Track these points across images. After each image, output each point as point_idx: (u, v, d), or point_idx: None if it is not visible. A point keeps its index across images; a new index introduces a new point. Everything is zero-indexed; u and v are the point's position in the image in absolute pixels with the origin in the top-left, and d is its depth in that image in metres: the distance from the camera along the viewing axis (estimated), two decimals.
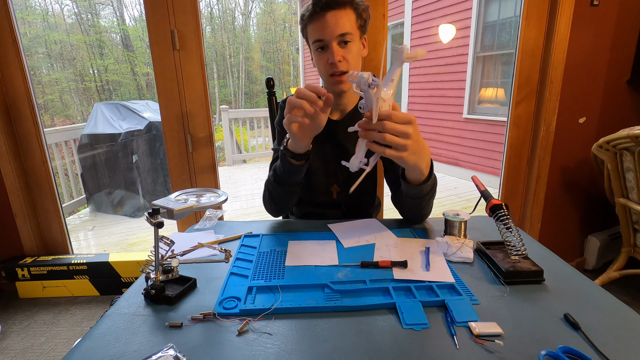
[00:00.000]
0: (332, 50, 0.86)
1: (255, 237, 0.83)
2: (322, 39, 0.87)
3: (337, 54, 0.86)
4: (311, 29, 0.89)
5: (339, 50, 0.87)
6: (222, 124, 5.32)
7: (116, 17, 11.80)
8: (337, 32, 0.85)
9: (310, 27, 0.89)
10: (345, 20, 0.86)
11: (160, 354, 0.46)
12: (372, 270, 0.67)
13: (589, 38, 1.69)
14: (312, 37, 0.90)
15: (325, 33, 0.86)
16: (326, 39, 0.87)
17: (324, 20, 0.85)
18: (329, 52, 0.87)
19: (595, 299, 0.58)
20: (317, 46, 0.89)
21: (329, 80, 0.92)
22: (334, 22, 0.85)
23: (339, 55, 0.87)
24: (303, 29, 0.94)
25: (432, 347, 0.48)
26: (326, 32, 0.86)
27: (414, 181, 0.78)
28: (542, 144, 1.78)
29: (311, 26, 0.89)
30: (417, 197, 0.80)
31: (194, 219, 1.77)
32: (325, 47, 0.88)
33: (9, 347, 1.52)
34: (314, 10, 0.86)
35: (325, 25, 0.86)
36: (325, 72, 0.91)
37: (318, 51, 0.90)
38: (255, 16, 15.03)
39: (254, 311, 0.55)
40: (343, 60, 0.87)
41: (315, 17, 0.86)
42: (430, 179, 0.77)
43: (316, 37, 0.88)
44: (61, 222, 1.91)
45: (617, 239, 1.96)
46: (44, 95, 9.30)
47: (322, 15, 0.85)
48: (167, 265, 0.62)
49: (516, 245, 0.66)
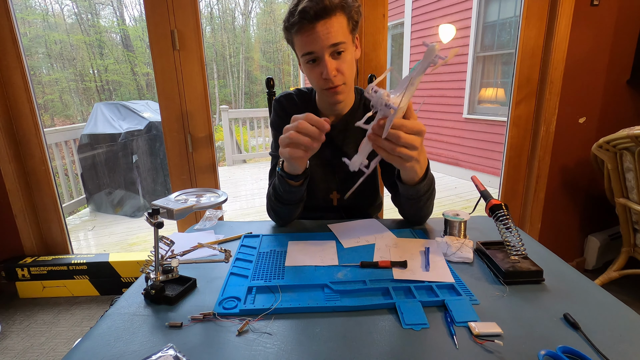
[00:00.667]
0: (325, 65, 0.79)
1: (255, 238, 0.83)
2: (313, 52, 0.79)
3: (331, 69, 0.79)
4: (299, 40, 0.80)
5: (333, 63, 0.80)
6: (222, 124, 5.32)
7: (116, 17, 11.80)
8: (329, 43, 0.78)
9: (298, 39, 0.81)
10: (337, 28, 0.78)
11: (160, 354, 0.46)
12: (371, 270, 0.67)
13: (589, 38, 1.69)
14: (300, 50, 0.81)
15: (316, 45, 0.78)
16: (317, 52, 0.79)
17: (314, 32, 0.77)
18: (322, 65, 0.80)
19: (595, 299, 0.58)
20: (308, 59, 0.81)
21: (324, 94, 0.87)
22: (325, 32, 0.77)
23: (333, 70, 0.80)
24: (288, 38, 0.85)
25: (431, 347, 0.48)
26: (317, 44, 0.78)
27: (409, 182, 0.77)
28: (542, 144, 1.78)
29: (299, 38, 0.80)
30: (415, 198, 0.80)
31: (194, 219, 1.77)
32: (317, 60, 0.81)
33: (9, 347, 1.52)
34: (301, 21, 0.77)
35: (315, 37, 0.77)
36: (319, 86, 0.85)
37: (309, 64, 0.82)
38: (255, 16, 15.03)
39: (254, 311, 0.55)
40: (338, 74, 0.81)
41: (304, 28, 0.78)
42: (426, 179, 0.77)
43: (306, 50, 0.80)
44: (61, 222, 1.91)
45: (617, 239, 1.96)
46: (44, 95, 9.30)
47: (312, 26, 0.77)
48: (167, 265, 0.62)
49: (516, 245, 0.66)
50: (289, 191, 0.81)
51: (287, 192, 0.82)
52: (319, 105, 0.97)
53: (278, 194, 0.84)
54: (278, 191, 0.83)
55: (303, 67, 0.86)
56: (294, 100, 0.99)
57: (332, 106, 0.91)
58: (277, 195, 0.85)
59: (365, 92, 0.61)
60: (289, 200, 0.84)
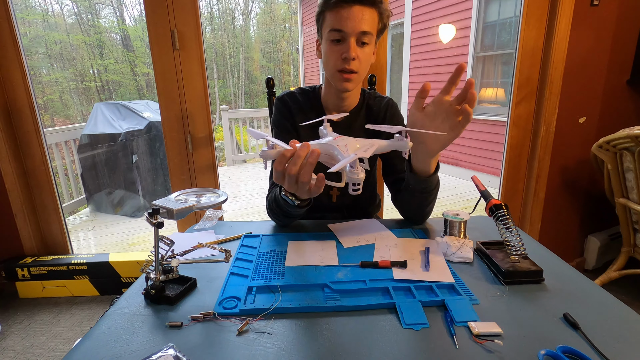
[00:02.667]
0: (348, 45, 0.81)
1: (255, 237, 0.83)
2: (342, 30, 0.80)
3: (353, 51, 0.81)
4: (331, 16, 0.82)
5: (356, 48, 0.82)
6: (222, 124, 5.32)
7: (116, 17, 11.79)
8: (360, 29, 0.80)
9: (330, 14, 0.82)
10: (371, 19, 0.81)
11: (160, 353, 0.46)
12: (371, 270, 0.67)
13: (589, 38, 1.69)
14: (329, 25, 0.82)
15: (348, 25, 0.80)
16: (347, 32, 0.80)
17: (350, 12, 0.79)
18: (345, 46, 0.81)
19: (595, 299, 0.58)
20: (333, 37, 0.82)
21: (335, 76, 0.86)
22: (360, 16, 0.79)
23: (355, 53, 0.81)
24: (320, 13, 0.86)
25: (431, 347, 0.48)
26: (349, 24, 0.79)
27: (422, 173, 0.76)
28: (542, 144, 1.78)
29: (332, 13, 0.81)
30: (425, 192, 0.79)
31: (194, 219, 1.77)
32: (342, 40, 0.82)
33: (9, 347, 1.52)
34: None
35: (350, 17, 0.79)
36: (334, 66, 0.85)
37: (332, 42, 0.83)
38: (255, 16, 15.02)
39: (254, 311, 0.55)
40: (357, 59, 0.82)
41: (341, 5, 0.80)
42: (437, 172, 0.78)
43: (336, 27, 0.81)
44: (61, 222, 1.91)
45: (617, 239, 1.96)
46: (44, 95, 9.29)
47: (349, 6, 0.79)
48: (167, 265, 0.62)
49: (516, 245, 0.66)
50: (292, 211, 0.79)
51: (290, 211, 0.80)
52: (324, 102, 0.97)
53: (279, 208, 0.81)
54: (280, 207, 0.80)
55: (324, 45, 0.87)
56: (297, 99, 0.98)
57: (340, 94, 0.91)
58: (278, 209, 0.82)
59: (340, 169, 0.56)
60: (291, 214, 0.83)
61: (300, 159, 0.58)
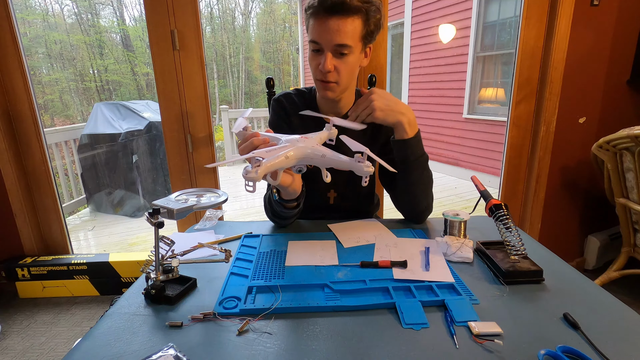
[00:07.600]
0: (324, 58, 0.80)
1: (255, 237, 0.83)
2: (319, 43, 0.80)
3: (328, 65, 0.80)
4: (311, 26, 0.81)
5: (332, 60, 0.80)
6: (222, 124, 5.32)
7: (116, 17, 11.79)
8: (335, 42, 0.78)
9: (311, 24, 0.81)
10: (349, 30, 0.78)
11: (160, 353, 0.46)
12: (372, 270, 0.67)
13: (589, 38, 1.69)
14: (309, 35, 0.83)
15: (322, 38, 0.79)
16: (322, 44, 0.80)
17: (325, 24, 0.77)
18: (322, 58, 0.81)
19: (595, 299, 0.58)
20: (313, 47, 0.83)
21: (317, 84, 0.88)
22: (335, 29, 0.77)
23: (330, 65, 0.80)
24: (307, 18, 0.85)
25: (431, 346, 0.48)
26: (323, 37, 0.79)
27: (400, 139, 0.84)
28: (542, 144, 1.78)
29: (312, 23, 0.81)
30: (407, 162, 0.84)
31: (194, 219, 1.77)
32: (320, 51, 0.82)
33: (9, 347, 1.52)
34: (318, 9, 0.78)
35: (325, 30, 0.78)
36: (314, 75, 0.86)
37: (312, 52, 0.84)
38: (255, 16, 15.01)
39: (254, 311, 0.55)
40: (333, 72, 0.82)
41: (318, 17, 0.78)
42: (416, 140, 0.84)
43: (313, 38, 0.81)
44: (61, 222, 1.91)
45: (617, 239, 1.96)
46: (44, 95, 9.29)
47: (325, 18, 0.77)
48: (167, 265, 0.62)
49: (516, 245, 0.66)
50: (284, 212, 0.85)
51: (283, 212, 0.85)
52: (319, 103, 0.97)
53: (273, 210, 0.86)
54: (274, 208, 0.86)
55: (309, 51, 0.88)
56: (294, 100, 0.98)
57: (321, 99, 0.94)
58: (272, 210, 0.87)
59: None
60: (286, 215, 0.87)
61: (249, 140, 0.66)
